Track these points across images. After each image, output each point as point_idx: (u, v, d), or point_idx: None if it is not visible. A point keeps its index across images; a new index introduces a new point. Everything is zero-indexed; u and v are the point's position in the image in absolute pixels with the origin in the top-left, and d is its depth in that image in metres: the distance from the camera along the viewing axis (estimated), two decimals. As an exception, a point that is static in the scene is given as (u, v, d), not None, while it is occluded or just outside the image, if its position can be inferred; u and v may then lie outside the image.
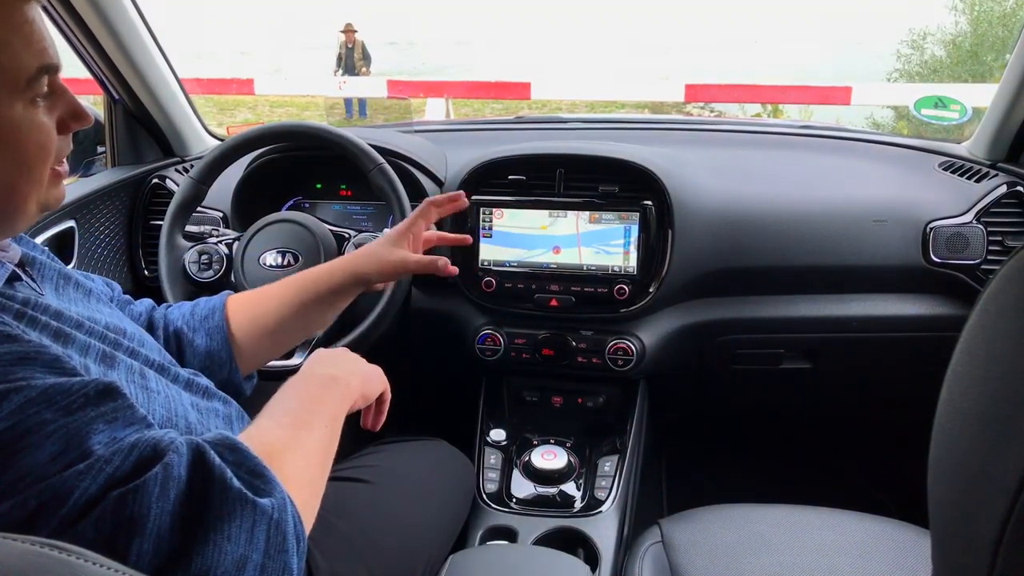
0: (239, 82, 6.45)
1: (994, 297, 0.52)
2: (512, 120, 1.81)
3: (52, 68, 0.65)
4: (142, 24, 1.42)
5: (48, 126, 0.66)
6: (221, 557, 0.53)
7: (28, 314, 0.65)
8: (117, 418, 0.58)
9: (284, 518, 0.58)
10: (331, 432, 0.74)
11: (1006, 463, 0.46)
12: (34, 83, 0.63)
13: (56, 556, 0.38)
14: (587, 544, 1.16)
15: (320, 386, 0.79)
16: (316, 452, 0.71)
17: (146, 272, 1.54)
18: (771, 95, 5.69)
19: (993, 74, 6.65)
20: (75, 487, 0.52)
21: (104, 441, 0.55)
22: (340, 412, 0.78)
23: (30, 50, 0.63)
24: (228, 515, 0.55)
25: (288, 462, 0.65)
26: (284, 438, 0.68)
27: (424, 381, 1.72)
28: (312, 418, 0.73)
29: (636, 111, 6.08)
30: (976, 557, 0.48)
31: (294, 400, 0.75)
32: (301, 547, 0.60)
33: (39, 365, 0.57)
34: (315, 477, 0.69)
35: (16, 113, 0.63)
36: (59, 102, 0.68)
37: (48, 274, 0.79)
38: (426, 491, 1.06)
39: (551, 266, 1.35)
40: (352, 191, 1.53)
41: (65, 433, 0.54)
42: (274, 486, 0.59)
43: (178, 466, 0.56)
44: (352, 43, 9.44)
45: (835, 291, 1.39)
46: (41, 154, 0.65)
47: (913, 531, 1.01)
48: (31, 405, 0.54)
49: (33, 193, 0.66)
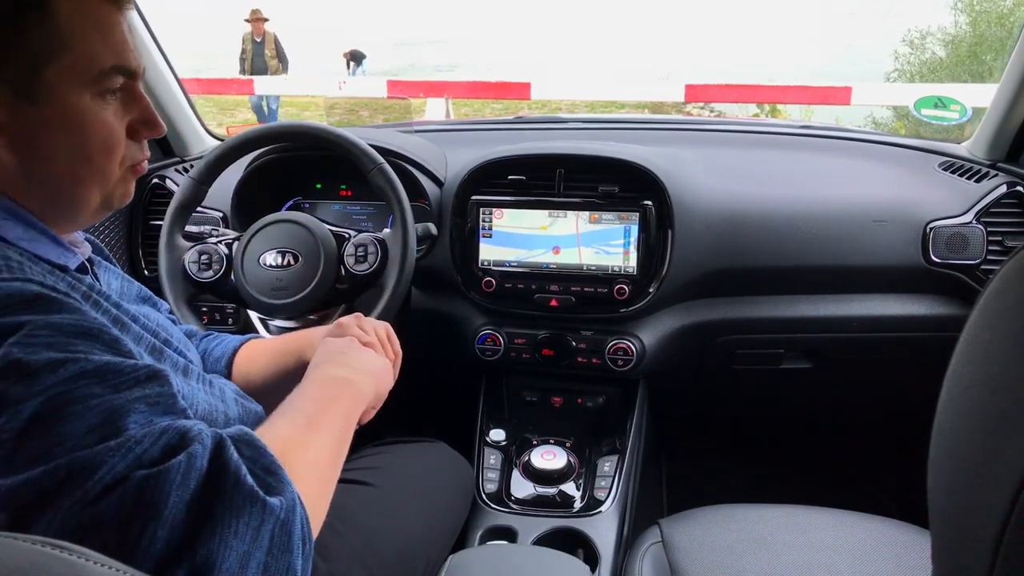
0: (239, 82, 6.45)
1: (994, 297, 0.52)
2: (512, 120, 1.81)
3: (127, 71, 0.69)
4: (142, 24, 1.42)
5: (113, 125, 0.68)
6: (226, 551, 0.54)
7: (93, 297, 0.69)
8: (159, 403, 0.60)
9: (292, 519, 0.58)
10: (343, 435, 0.75)
11: (1006, 463, 0.46)
12: (105, 79, 0.66)
13: (57, 555, 0.38)
14: (587, 544, 1.16)
15: (334, 388, 0.79)
16: (328, 453, 0.71)
17: (146, 272, 1.54)
18: (771, 95, 5.68)
19: (993, 74, 6.66)
20: (104, 462, 0.53)
21: (140, 422, 0.57)
22: (353, 415, 0.79)
23: (107, 47, 0.66)
24: (237, 511, 0.55)
25: (299, 461, 0.66)
26: (297, 438, 0.69)
27: (424, 381, 1.72)
28: (325, 420, 0.73)
29: (636, 111, 6.07)
30: (976, 557, 0.48)
31: (308, 401, 0.75)
32: (307, 549, 0.60)
33: (100, 342, 0.60)
34: (325, 477, 0.70)
35: (83, 102, 0.66)
36: (134, 108, 0.71)
37: (112, 276, 0.84)
38: (425, 493, 1.06)
39: (551, 266, 1.35)
40: (352, 191, 1.53)
41: (108, 408, 0.56)
42: (285, 485, 0.60)
43: (201, 457, 0.56)
44: (261, 35, 7.81)
45: (835, 291, 1.39)
46: (103, 149, 0.68)
47: (913, 531, 1.01)
48: (83, 377, 0.56)
49: (95, 185, 0.69)
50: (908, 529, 1.01)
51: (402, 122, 1.87)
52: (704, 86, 5.32)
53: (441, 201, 1.41)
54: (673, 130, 1.70)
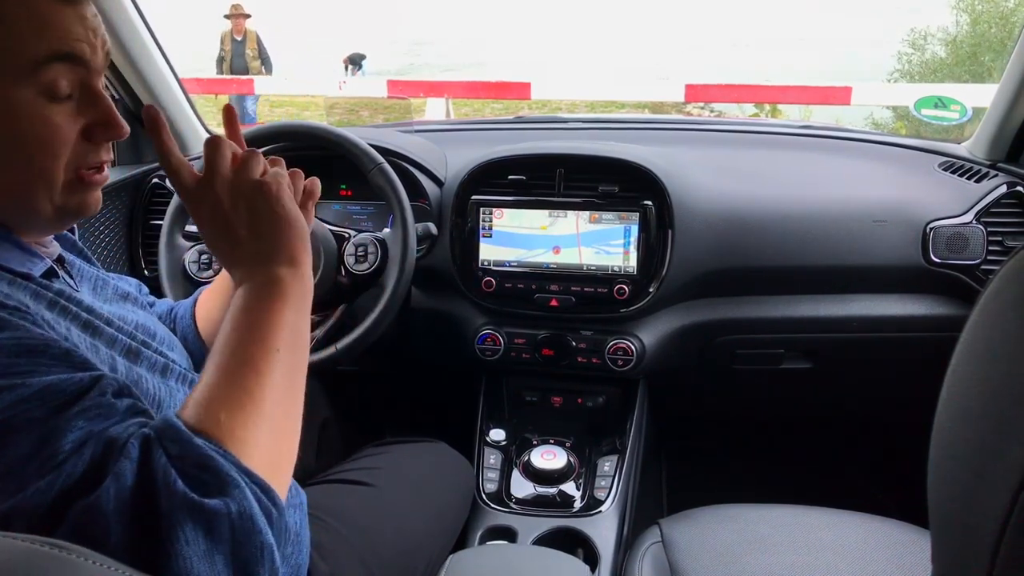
0: (239, 82, 6.44)
1: (994, 297, 0.52)
2: (512, 120, 1.81)
3: (67, 56, 0.63)
4: (142, 23, 1.42)
5: (58, 125, 0.63)
6: (186, 562, 0.50)
7: (60, 303, 0.66)
8: (99, 414, 0.55)
9: (245, 507, 0.52)
10: (292, 356, 0.63)
11: (1006, 463, 0.46)
12: (41, 69, 0.61)
13: (56, 555, 0.38)
14: (587, 544, 1.16)
15: (256, 302, 0.64)
16: (276, 398, 0.60)
17: (146, 272, 1.54)
18: (771, 95, 5.68)
19: (992, 74, 6.65)
20: (40, 504, 0.50)
21: (76, 440, 0.53)
22: (298, 322, 0.65)
23: (42, 35, 0.61)
24: (180, 522, 0.50)
25: (242, 426, 0.57)
26: (235, 395, 0.58)
27: (424, 381, 1.72)
28: (262, 355, 0.61)
29: (636, 111, 6.07)
30: (976, 557, 0.48)
31: (236, 333, 0.62)
32: (274, 517, 0.55)
33: (46, 357, 0.56)
34: (279, 430, 0.60)
35: (17, 98, 0.61)
36: (90, 108, 0.66)
37: (86, 275, 0.80)
38: (426, 493, 1.06)
39: (551, 266, 1.35)
40: (352, 191, 1.53)
41: (47, 430, 0.52)
42: (224, 478, 0.53)
43: (129, 474, 0.52)
44: (242, 34, 7.05)
45: (835, 291, 1.39)
46: (44, 150, 0.63)
47: (913, 531, 1.01)
48: (23, 403, 0.53)
49: (42, 192, 0.65)
50: (908, 529, 1.01)
51: (402, 122, 1.87)
52: (704, 86, 5.32)
53: (441, 201, 1.41)
54: (673, 130, 1.70)
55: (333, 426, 1.33)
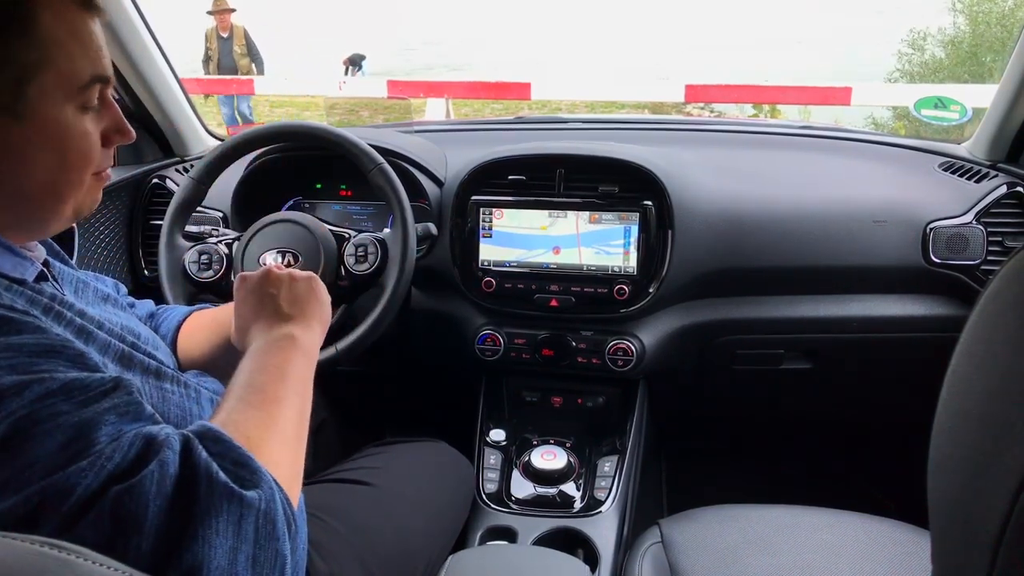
0: (239, 82, 6.43)
1: (994, 297, 0.52)
2: (512, 120, 1.81)
3: (104, 79, 0.68)
4: (142, 23, 1.42)
5: (93, 136, 0.68)
6: (211, 552, 0.53)
7: (55, 309, 0.68)
8: (128, 411, 0.59)
9: (272, 507, 0.58)
10: (303, 399, 0.73)
11: (1006, 463, 0.46)
12: (86, 91, 0.66)
13: (56, 555, 0.38)
14: (587, 544, 1.16)
15: (279, 352, 0.76)
16: (292, 426, 0.69)
17: (146, 272, 1.54)
18: (771, 95, 5.68)
19: (992, 74, 6.65)
20: (77, 483, 0.52)
21: (111, 434, 0.56)
22: (308, 372, 0.77)
23: (86, 58, 0.66)
24: (215, 510, 0.54)
25: (267, 443, 0.64)
26: (259, 419, 0.66)
27: (424, 381, 1.72)
28: (281, 390, 0.71)
29: (636, 111, 6.08)
30: (976, 557, 0.48)
31: (257, 375, 0.72)
32: (292, 530, 0.59)
33: (63, 359, 0.59)
34: (295, 451, 0.69)
35: (66, 116, 0.65)
36: (106, 115, 0.71)
37: (67, 278, 0.81)
38: (426, 493, 1.06)
39: (551, 266, 1.35)
40: (352, 191, 1.53)
41: (77, 423, 0.55)
42: (260, 476, 0.59)
43: (172, 463, 0.56)
44: (228, 30, 6.68)
45: (835, 291, 1.39)
46: (82, 161, 0.68)
47: (913, 531, 1.01)
48: (49, 396, 0.55)
49: (71, 196, 0.69)
50: (908, 529, 1.01)
51: (402, 122, 1.87)
52: (704, 86, 5.32)
53: (441, 201, 1.41)
54: (673, 130, 1.70)
55: (331, 427, 1.33)
